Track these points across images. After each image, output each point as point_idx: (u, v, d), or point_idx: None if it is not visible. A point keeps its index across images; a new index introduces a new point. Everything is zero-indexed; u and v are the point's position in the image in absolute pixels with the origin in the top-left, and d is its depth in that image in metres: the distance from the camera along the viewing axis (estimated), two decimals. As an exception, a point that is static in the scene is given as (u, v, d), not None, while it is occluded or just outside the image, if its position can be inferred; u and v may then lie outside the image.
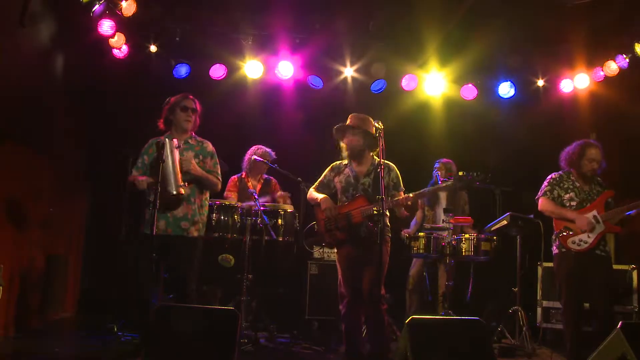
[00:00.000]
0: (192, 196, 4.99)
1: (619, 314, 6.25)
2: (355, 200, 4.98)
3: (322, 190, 5.22)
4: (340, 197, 5.14)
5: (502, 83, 7.90)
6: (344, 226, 4.95)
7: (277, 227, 6.05)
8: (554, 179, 5.46)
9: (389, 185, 5.04)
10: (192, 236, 4.96)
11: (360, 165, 5.10)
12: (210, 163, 5.13)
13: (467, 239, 6.18)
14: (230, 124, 7.44)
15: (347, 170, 5.14)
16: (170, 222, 4.90)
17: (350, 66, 7.70)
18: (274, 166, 6.50)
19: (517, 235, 6.38)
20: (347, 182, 5.08)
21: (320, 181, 5.26)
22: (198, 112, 5.15)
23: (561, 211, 5.31)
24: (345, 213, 4.97)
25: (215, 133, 5.92)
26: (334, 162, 5.27)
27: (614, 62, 7.08)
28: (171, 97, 5.16)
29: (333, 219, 4.98)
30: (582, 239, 5.20)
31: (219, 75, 7.51)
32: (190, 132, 5.14)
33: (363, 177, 5.04)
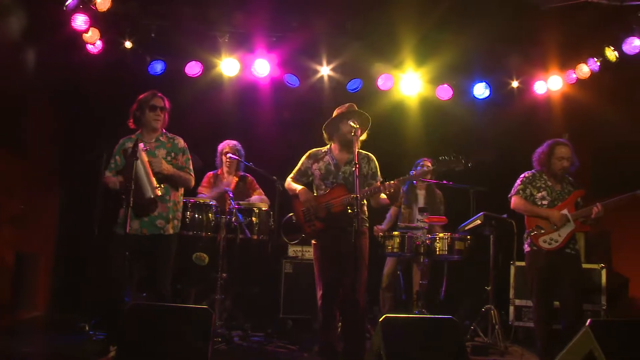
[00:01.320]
0: (167, 194, 4.96)
1: (587, 312, 6.35)
2: (334, 189, 4.97)
3: (300, 178, 5.20)
4: (318, 184, 5.13)
5: (477, 84, 7.95)
6: (324, 216, 4.94)
7: (252, 225, 6.03)
8: (527, 177, 5.52)
9: (368, 174, 5.08)
10: (169, 233, 4.95)
11: (342, 153, 5.10)
12: (182, 159, 5.11)
13: (441, 238, 6.24)
14: (206, 121, 7.40)
15: (327, 157, 5.13)
16: (144, 222, 4.88)
17: (327, 65, 7.70)
18: (249, 164, 6.47)
19: (491, 234, 6.44)
20: (327, 170, 5.08)
21: (298, 169, 5.23)
22: (167, 110, 5.11)
23: (534, 209, 5.37)
24: (325, 203, 4.96)
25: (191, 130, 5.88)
26: (311, 150, 5.26)
27: (586, 65, 7.18)
28: (139, 95, 5.11)
29: (313, 210, 4.96)
30: (552, 238, 5.27)
31: (194, 73, 7.46)
32: (160, 130, 5.12)
33: (344, 165, 5.05)
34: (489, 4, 6.42)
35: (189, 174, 5.12)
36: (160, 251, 4.88)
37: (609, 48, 6.66)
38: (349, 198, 4.81)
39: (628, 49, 6.40)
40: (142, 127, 5.09)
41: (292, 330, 6.65)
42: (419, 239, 6.22)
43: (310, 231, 5.02)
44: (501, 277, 6.74)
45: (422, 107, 8.17)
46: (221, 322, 5.94)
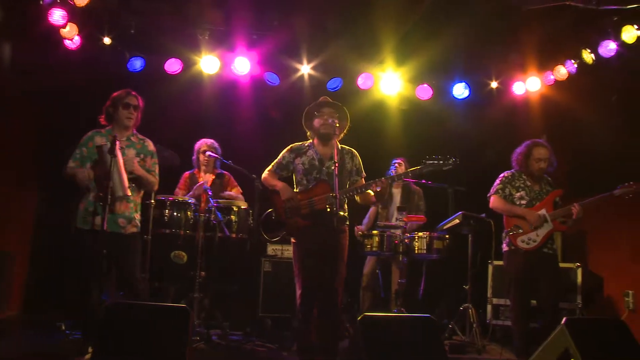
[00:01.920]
0: (131, 194, 4.92)
1: (564, 310, 6.41)
2: (318, 185, 4.91)
3: (280, 172, 5.12)
4: (300, 179, 5.05)
5: (456, 84, 7.96)
6: (306, 214, 4.89)
7: (231, 223, 6.00)
8: (506, 177, 5.57)
9: (352, 170, 5.05)
10: (129, 232, 4.91)
11: (324, 148, 5.04)
12: (150, 162, 5.08)
13: (420, 237, 6.24)
14: (186, 119, 7.34)
15: (310, 152, 5.06)
16: (109, 220, 4.76)
17: (307, 64, 7.68)
18: (228, 162, 6.43)
19: (469, 234, 6.48)
20: (311, 165, 5.01)
21: (278, 162, 5.13)
22: (140, 109, 5.07)
23: (512, 208, 5.42)
24: (308, 200, 4.91)
25: (170, 128, 5.86)
26: (293, 144, 5.18)
27: (564, 67, 7.25)
28: (113, 93, 5.06)
29: (295, 207, 4.89)
30: (530, 238, 5.32)
31: (174, 70, 7.39)
32: (132, 129, 5.08)
33: (328, 160, 4.99)
34: (470, 4, 6.44)
35: (155, 177, 5.11)
36: (119, 250, 4.81)
37: (585, 50, 6.74)
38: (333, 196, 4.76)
39: (603, 52, 6.47)
40: (113, 124, 5.05)
41: (271, 329, 6.65)
42: (398, 238, 6.23)
43: (291, 228, 4.96)
44: (479, 276, 6.77)
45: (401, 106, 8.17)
46: (200, 321, 5.91)
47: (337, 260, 4.72)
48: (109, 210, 4.63)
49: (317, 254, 4.79)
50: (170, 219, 5.81)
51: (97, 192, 4.71)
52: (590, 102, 6.97)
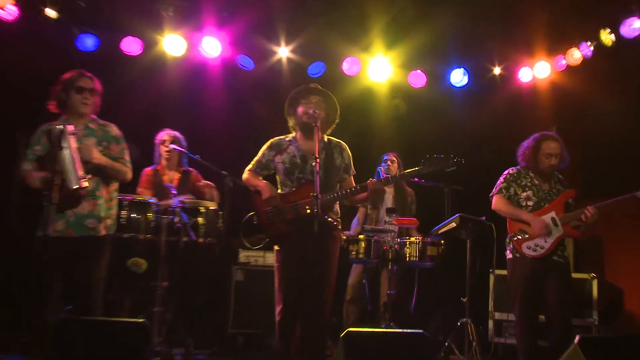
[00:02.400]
0: (97, 189, 4.80)
1: (577, 327, 6.38)
2: (302, 187, 4.82)
3: (260, 171, 5.04)
4: (283, 180, 4.96)
5: (454, 70, 7.98)
6: (291, 219, 4.80)
7: (197, 226, 5.92)
8: (511, 174, 5.53)
9: (341, 166, 4.98)
10: (100, 235, 4.80)
11: (308, 142, 4.92)
12: (116, 149, 4.95)
13: (412, 242, 6.22)
14: (147, 106, 7.26)
15: (291, 148, 4.97)
16: (71, 221, 4.69)
17: (286, 46, 7.67)
18: (196, 157, 6.36)
19: (467, 239, 6.40)
20: (292, 163, 4.92)
21: (258, 161, 5.04)
22: (98, 92, 4.93)
23: (515, 212, 5.39)
24: (292, 203, 4.82)
25: (129, 117, 5.75)
26: (273, 138, 5.08)
27: (578, 50, 7.23)
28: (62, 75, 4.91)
29: (279, 210, 4.82)
30: (538, 244, 5.28)
31: (133, 51, 7.29)
32: (89, 115, 4.94)
33: (312, 156, 4.83)
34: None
35: (125, 165, 4.97)
36: (90, 256, 4.72)
37: (604, 31, 6.71)
38: (322, 199, 4.64)
39: (626, 32, 6.43)
40: (67, 112, 4.89)
41: (243, 347, 6.61)
42: (387, 243, 6.18)
43: (273, 235, 4.88)
44: (479, 287, 6.75)
45: (392, 94, 8.19)
46: (160, 338, 5.75)
47: (325, 272, 4.66)
48: (63, 209, 4.55)
49: (302, 264, 4.71)
50: (128, 222, 5.66)
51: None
52: (608, 90, 6.98)
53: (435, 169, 4.83)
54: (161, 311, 5.69)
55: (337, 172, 4.97)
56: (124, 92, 6.95)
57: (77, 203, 4.69)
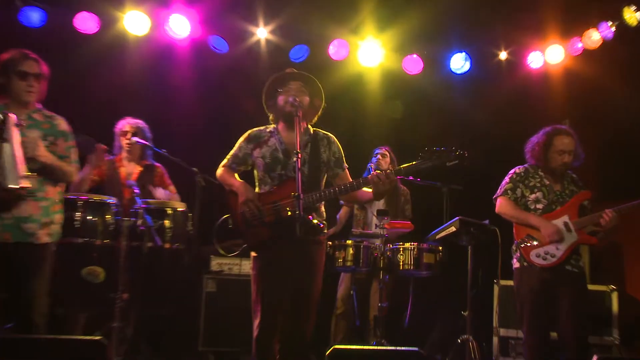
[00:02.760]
0: (40, 190, 4.67)
1: (594, 347, 6.34)
2: (284, 185, 4.73)
3: (237, 167, 4.95)
4: (262, 177, 4.86)
5: (454, 55, 7.99)
6: (271, 222, 4.70)
7: (163, 230, 5.92)
8: (518, 174, 5.49)
9: (329, 160, 4.89)
10: (42, 242, 4.68)
11: (292, 134, 4.77)
12: (63, 146, 4.83)
13: (406, 249, 6.19)
14: (104, 93, 7.19)
15: (272, 140, 4.88)
16: (7, 224, 4.58)
17: (264, 26, 7.67)
18: (162, 151, 6.34)
19: (469, 245, 6.37)
20: (274, 158, 4.82)
21: (234, 155, 4.94)
22: (44, 77, 4.79)
23: (523, 215, 5.35)
24: (272, 204, 4.72)
25: (84, 105, 5.69)
26: (252, 129, 4.98)
27: (597, 32, 7.23)
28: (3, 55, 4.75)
29: (257, 212, 4.72)
30: (548, 252, 5.24)
31: (88, 29, 7.22)
32: (33, 104, 4.81)
33: (295, 151, 4.69)
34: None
35: (71, 165, 4.87)
36: (30, 265, 4.60)
37: (628, 8, 6.70)
38: (307, 198, 4.58)
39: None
40: (6, 99, 4.77)
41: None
42: (378, 249, 6.13)
43: (251, 240, 4.79)
44: (482, 300, 6.73)
45: (385, 82, 8.18)
46: (120, 358, 5.73)
47: (309, 282, 4.60)
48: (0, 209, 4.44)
49: (283, 273, 4.63)
50: (82, 225, 5.63)
51: None
52: (630, 77, 6.98)
53: (435, 163, 4.63)
54: (121, 327, 5.67)
55: (324, 168, 4.88)
56: (77, 76, 6.89)
57: (15, 203, 4.56)
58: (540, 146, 5.42)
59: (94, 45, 7.25)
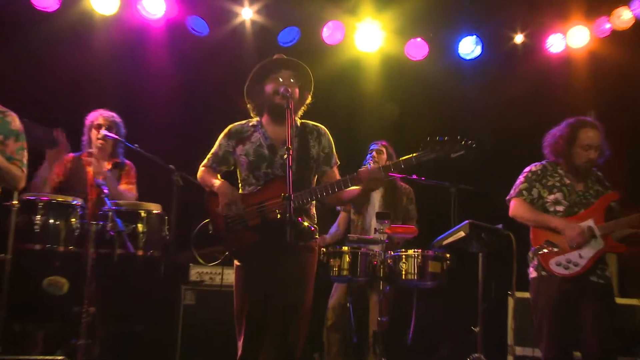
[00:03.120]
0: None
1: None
2: (270, 184, 4.71)
3: (218, 166, 4.94)
4: (245, 176, 4.85)
5: (463, 38, 8.01)
6: (256, 225, 4.68)
7: (136, 235, 5.95)
8: (534, 172, 5.48)
9: (319, 156, 4.87)
10: None
11: (277, 127, 4.83)
12: (13, 147, 4.85)
13: (409, 256, 6.11)
14: (66, 80, 7.18)
15: (256, 135, 4.86)
16: None
17: (249, 5, 7.69)
18: (134, 147, 6.31)
19: (480, 252, 6.37)
20: (259, 155, 4.80)
21: (214, 154, 4.94)
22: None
23: (540, 217, 5.32)
24: (257, 205, 4.70)
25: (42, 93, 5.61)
26: (233, 124, 4.96)
27: (627, 10, 7.24)
28: None
29: (239, 215, 4.70)
30: (570, 259, 5.21)
31: (47, 6, 7.17)
32: None
33: (282, 145, 4.76)
34: None
35: (21, 169, 4.88)
36: None
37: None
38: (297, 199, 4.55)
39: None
40: None
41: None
42: (378, 257, 6.11)
43: (234, 247, 4.76)
44: (495, 314, 6.76)
45: (385, 69, 8.19)
46: (85, 380, 5.76)
47: (300, 294, 4.56)
48: None
49: (271, 283, 4.58)
50: (43, 229, 5.62)
51: None
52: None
53: (439, 155, 4.55)
54: (87, 345, 5.63)
55: (314, 165, 4.86)
56: (34, 60, 6.88)
57: None
58: (563, 140, 5.39)
59: (54, 24, 7.21)
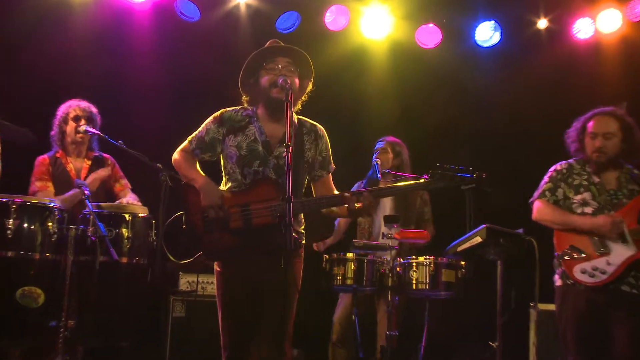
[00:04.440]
0: None
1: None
2: (259, 185, 4.70)
3: (202, 154, 4.88)
4: (231, 170, 4.82)
5: (481, 24, 8.04)
6: (238, 228, 4.66)
7: (121, 241, 5.94)
8: (559, 171, 5.49)
9: (315, 160, 4.87)
10: None
11: (274, 123, 4.81)
12: None
13: (421, 264, 6.17)
14: (43, 70, 7.22)
15: (252, 129, 4.83)
16: None
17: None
18: (118, 143, 6.30)
19: (498, 259, 6.33)
20: (252, 151, 4.77)
21: (199, 138, 4.88)
22: None
23: (566, 218, 5.33)
24: (241, 207, 4.67)
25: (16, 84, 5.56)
26: (224, 110, 4.90)
27: None
28: None
29: (221, 215, 4.67)
30: (597, 267, 5.20)
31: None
32: None
33: (278, 144, 4.77)
34: None
35: None
36: None
37: None
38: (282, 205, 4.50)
39: None
40: None
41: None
42: (386, 265, 6.15)
43: (211, 248, 4.74)
44: (516, 327, 6.69)
45: (394, 58, 8.20)
46: (63, 401, 5.77)
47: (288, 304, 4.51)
48: None
49: (253, 292, 4.65)
50: (16, 235, 5.59)
51: None
52: None
53: (447, 185, 4.71)
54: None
55: (308, 168, 4.87)
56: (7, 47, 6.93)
57: None
58: (576, 132, 5.45)
59: (28, 9, 7.20)
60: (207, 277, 7.10)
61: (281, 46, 4.90)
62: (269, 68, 4.77)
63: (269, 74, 4.74)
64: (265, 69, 4.78)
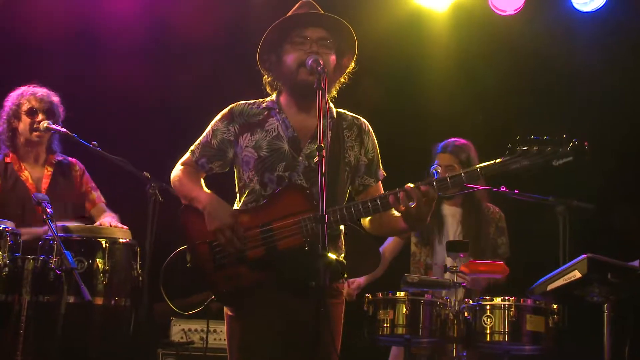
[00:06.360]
0: None
1: None
2: (283, 196, 4.67)
3: (209, 163, 4.88)
4: (249, 178, 4.79)
5: None
6: (259, 258, 4.67)
7: (95, 275, 5.97)
8: None
9: (358, 163, 4.84)
10: None
11: (304, 114, 4.80)
12: None
13: (497, 307, 6.14)
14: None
15: (272, 122, 4.82)
16: None
17: None
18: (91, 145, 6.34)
19: (605, 301, 6.33)
20: (275, 151, 4.74)
21: (204, 144, 4.87)
22: None
23: None
24: (261, 228, 4.65)
25: None
26: (234, 104, 4.89)
27: None
28: None
29: (235, 241, 4.61)
30: None
31: None
32: None
33: (309, 140, 4.74)
34: None
35: None
36: None
37: None
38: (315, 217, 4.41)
39: None
40: None
41: None
42: (449, 308, 6.16)
43: (224, 289, 4.72)
44: None
45: (460, 28, 8.28)
46: None
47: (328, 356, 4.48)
48: None
49: (284, 342, 4.58)
50: None
51: None
52: None
53: (533, 162, 4.52)
54: None
55: (351, 173, 4.83)
56: None
57: None
58: None
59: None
60: (212, 323, 7.20)
61: (315, 13, 4.83)
62: (297, 43, 4.72)
63: (296, 51, 4.68)
64: (291, 44, 4.74)
